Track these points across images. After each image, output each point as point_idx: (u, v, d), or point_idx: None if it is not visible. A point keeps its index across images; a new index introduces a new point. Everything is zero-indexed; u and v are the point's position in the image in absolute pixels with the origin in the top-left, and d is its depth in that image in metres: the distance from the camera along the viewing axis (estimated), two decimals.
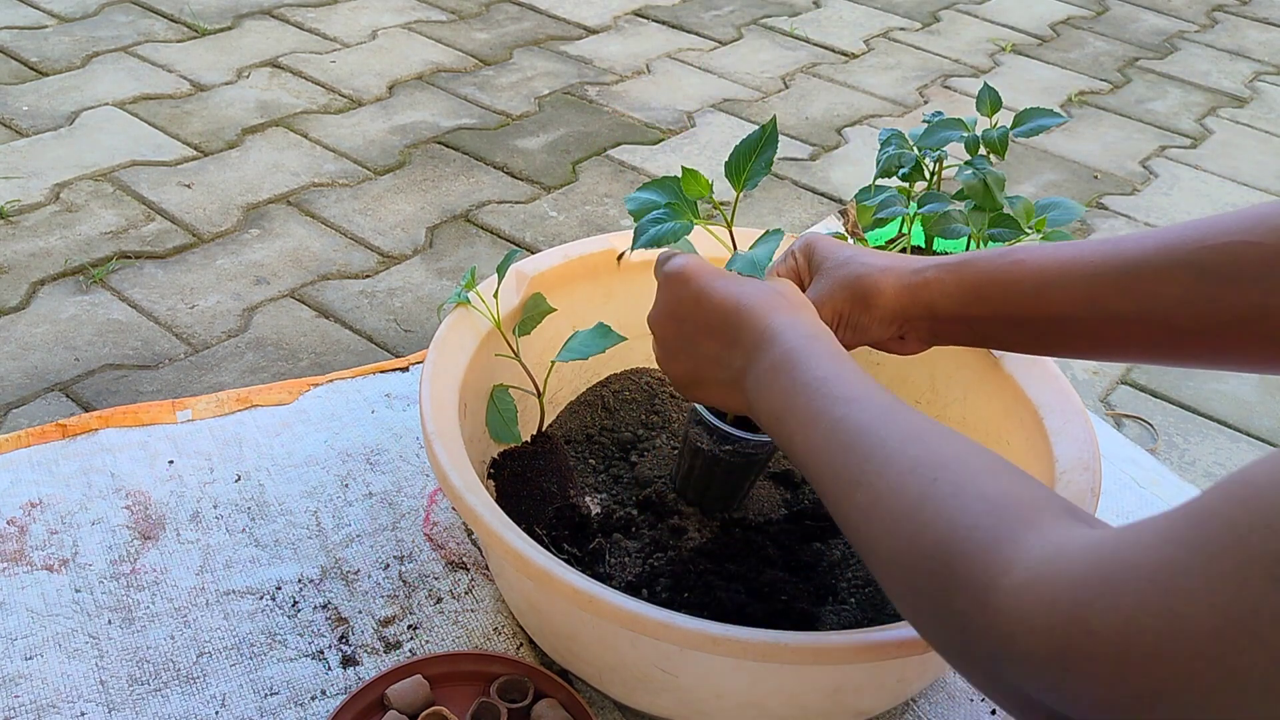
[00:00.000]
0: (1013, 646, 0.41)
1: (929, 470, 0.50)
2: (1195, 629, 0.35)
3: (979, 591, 0.43)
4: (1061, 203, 1.06)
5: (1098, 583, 0.39)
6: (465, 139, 1.63)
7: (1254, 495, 0.36)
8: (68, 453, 0.98)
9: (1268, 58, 2.22)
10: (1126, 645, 0.37)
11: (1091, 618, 0.38)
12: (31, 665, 0.80)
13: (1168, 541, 0.38)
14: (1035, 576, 0.42)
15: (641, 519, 0.87)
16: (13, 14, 1.87)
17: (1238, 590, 0.34)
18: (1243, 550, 0.35)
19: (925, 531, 0.48)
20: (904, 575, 0.49)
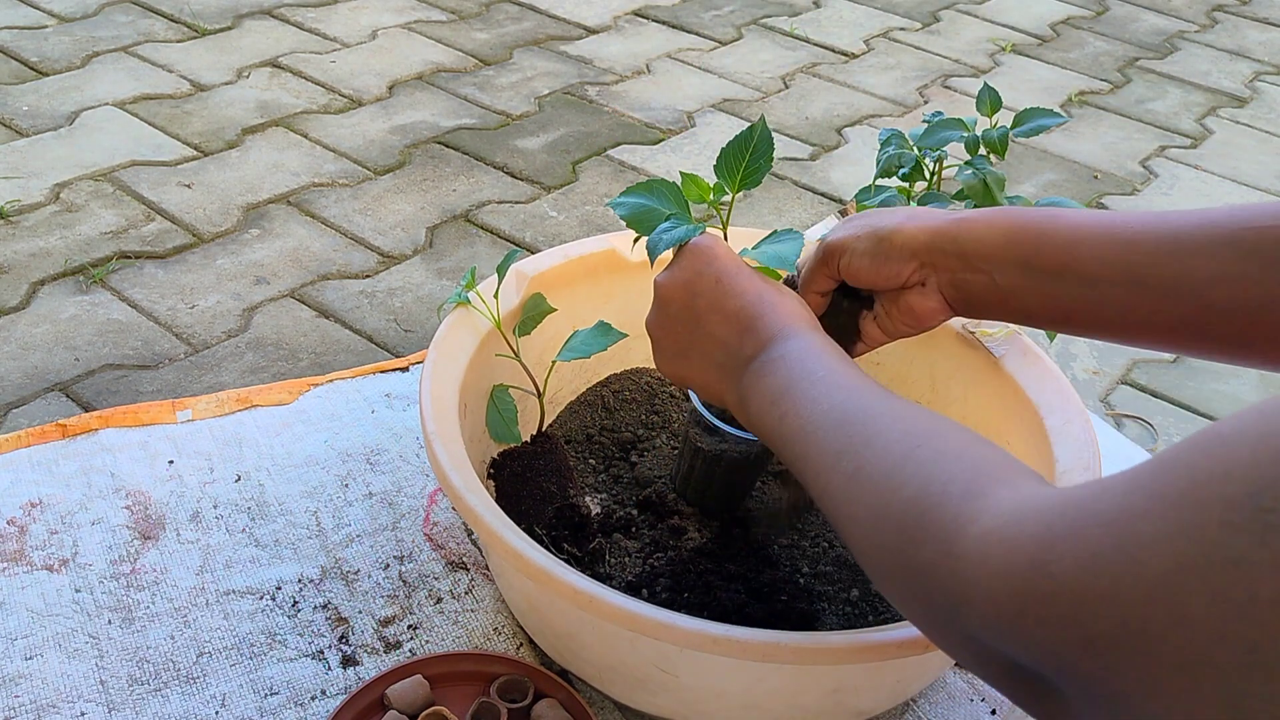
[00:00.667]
0: (973, 590, 0.42)
1: (914, 439, 0.52)
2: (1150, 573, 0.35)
3: (945, 540, 0.44)
4: (1061, 203, 1.06)
5: (1061, 528, 0.39)
6: (465, 139, 1.63)
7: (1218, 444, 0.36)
8: (68, 453, 0.98)
9: (1268, 58, 2.22)
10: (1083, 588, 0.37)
11: (1051, 561, 0.39)
12: (31, 665, 0.80)
13: (1132, 489, 0.38)
14: (1001, 524, 0.42)
15: (641, 519, 0.87)
16: (13, 14, 1.87)
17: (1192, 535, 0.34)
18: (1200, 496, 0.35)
19: (902, 489, 0.49)
20: (876, 534, 0.50)
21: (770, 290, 0.68)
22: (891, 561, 0.49)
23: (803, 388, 0.60)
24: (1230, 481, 0.34)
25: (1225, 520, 0.34)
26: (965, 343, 0.94)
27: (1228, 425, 0.36)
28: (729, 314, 0.67)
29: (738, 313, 0.67)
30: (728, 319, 0.67)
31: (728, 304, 0.67)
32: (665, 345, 0.72)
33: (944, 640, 0.47)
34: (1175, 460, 0.37)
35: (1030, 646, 0.40)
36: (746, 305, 0.67)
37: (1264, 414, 0.35)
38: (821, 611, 0.81)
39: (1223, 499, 0.34)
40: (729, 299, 0.68)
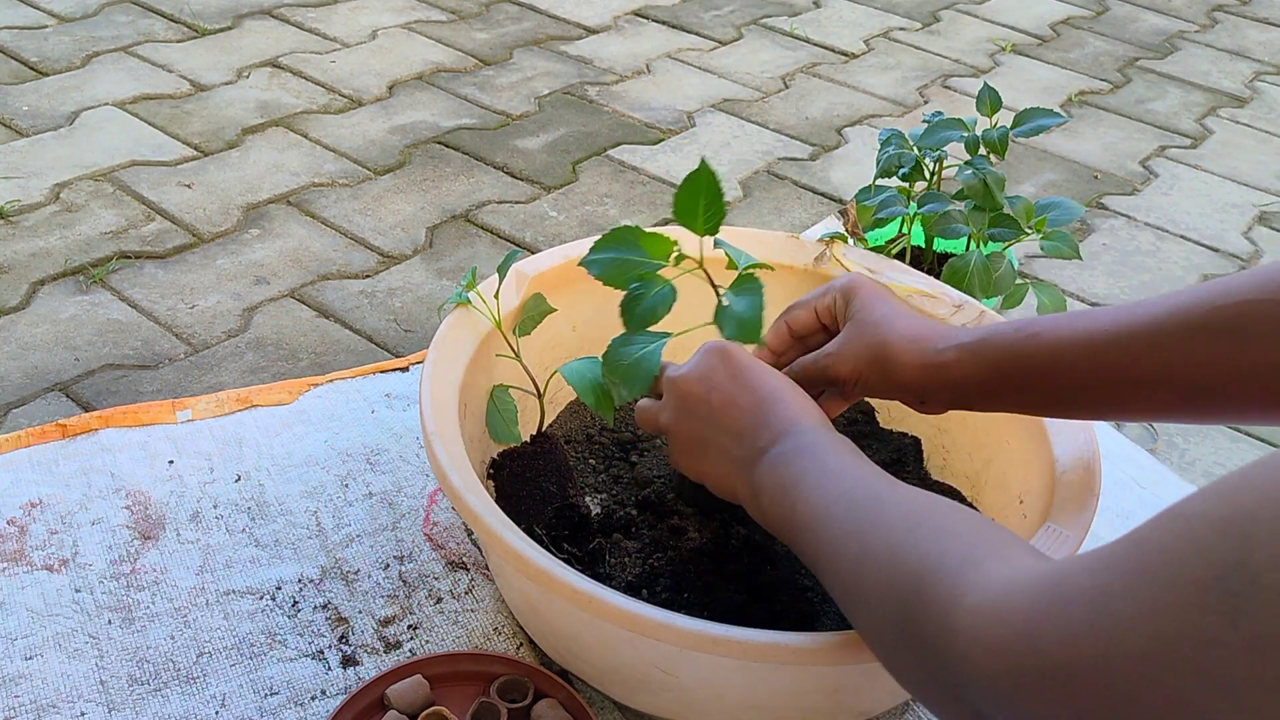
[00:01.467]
0: (970, 665, 0.44)
1: (915, 518, 0.54)
2: (1132, 651, 0.37)
3: (942, 613, 0.46)
4: (1061, 203, 1.06)
5: (1048, 605, 0.41)
6: (465, 139, 1.63)
7: (1186, 525, 0.38)
8: (68, 453, 0.98)
9: (1268, 58, 2.22)
10: (1071, 665, 0.39)
11: (1040, 637, 0.41)
12: (31, 665, 0.80)
13: (1110, 568, 0.40)
14: (993, 597, 0.44)
15: (641, 519, 0.87)
16: (13, 14, 1.87)
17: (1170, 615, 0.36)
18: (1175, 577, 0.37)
19: (903, 566, 0.51)
20: (881, 611, 0.52)
21: (783, 386, 0.71)
22: (896, 638, 0.51)
23: (812, 479, 0.63)
24: (1200, 564, 0.36)
25: (1198, 602, 0.35)
26: None
27: (1194, 505, 0.38)
28: (743, 408, 0.70)
29: (752, 407, 0.69)
30: (741, 413, 0.70)
31: (742, 398, 0.70)
32: (681, 440, 0.74)
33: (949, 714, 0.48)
34: (1148, 540, 0.39)
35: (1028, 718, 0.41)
36: (760, 400, 0.69)
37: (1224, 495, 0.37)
38: (821, 611, 0.81)
39: (1194, 581, 0.36)
40: (743, 393, 0.70)
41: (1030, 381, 0.69)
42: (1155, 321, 0.63)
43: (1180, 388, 0.63)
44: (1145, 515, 0.42)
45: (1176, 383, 0.63)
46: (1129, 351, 0.64)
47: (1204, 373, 0.62)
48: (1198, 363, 0.62)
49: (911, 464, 0.99)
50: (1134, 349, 0.64)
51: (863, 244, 1.20)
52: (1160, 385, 0.64)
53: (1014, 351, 0.69)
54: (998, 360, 0.70)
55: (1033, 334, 0.69)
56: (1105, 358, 0.65)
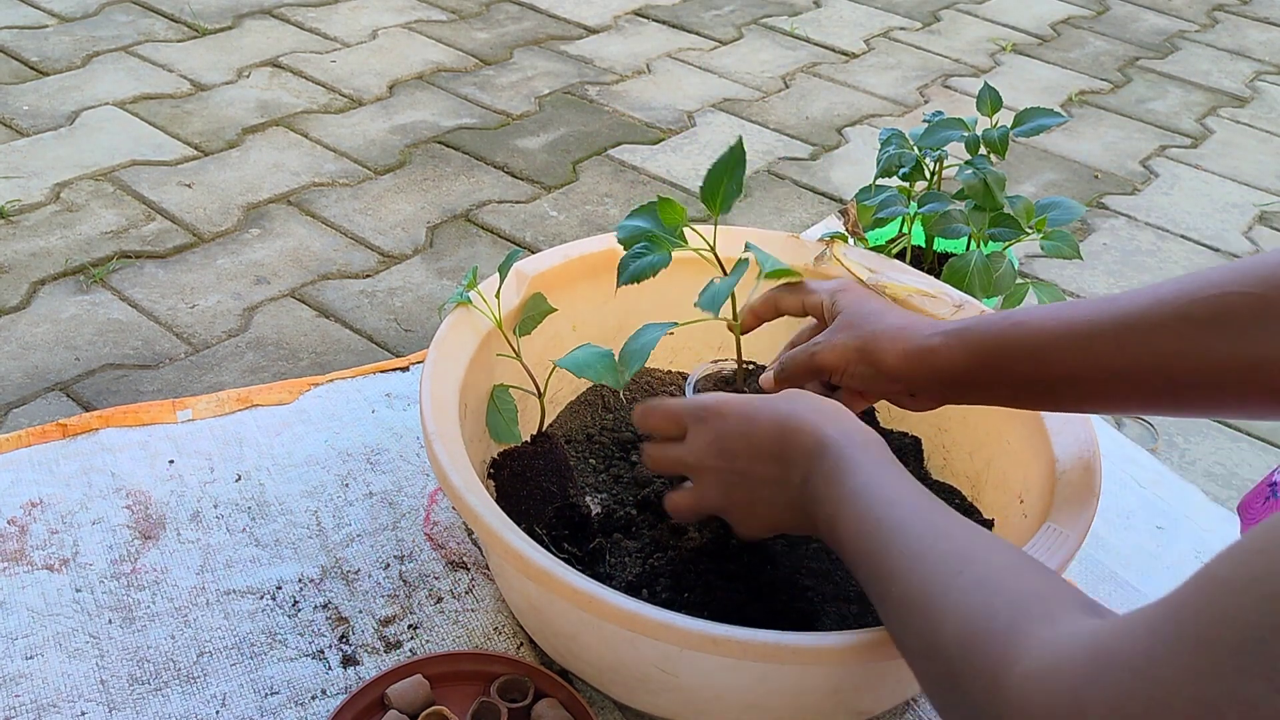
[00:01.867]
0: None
1: (955, 563, 0.54)
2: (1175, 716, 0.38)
3: (991, 680, 0.47)
4: (1062, 202, 1.06)
5: (1093, 673, 0.42)
6: (465, 139, 1.63)
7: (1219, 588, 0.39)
8: (68, 452, 0.98)
9: (1268, 57, 2.22)
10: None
11: (1087, 706, 0.41)
12: (32, 665, 0.80)
13: (1151, 633, 0.41)
14: (1041, 667, 0.45)
15: (641, 519, 0.87)
16: (13, 14, 1.87)
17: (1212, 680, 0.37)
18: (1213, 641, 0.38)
19: (948, 621, 0.51)
20: (929, 663, 0.53)
21: (789, 409, 0.69)
22: (943, 696, 0.51)
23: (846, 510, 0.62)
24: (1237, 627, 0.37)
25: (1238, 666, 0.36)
26: None
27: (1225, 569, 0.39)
28: (764, 456, 0.69)
29: (772, 450, 0.69)
30: (766, 460, 0.69)
31: (760, 447, 0.69)
32: (735, 514, 0.73)
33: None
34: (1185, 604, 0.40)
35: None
36: (776, 438, 0.69)
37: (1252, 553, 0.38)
38: (821, 611, 0.81)
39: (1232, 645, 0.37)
40: (759, 442, 0.69)
41: (1015, 370, 0.69)
42: (1137, 312, 0.64)
43: (1160, 378, 0.64)
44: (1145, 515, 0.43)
45: (1156, 373, 0.64)
46: (1111, 341, 0.65)
47: (1183, 363, 0.62)
48: (1177, 353, 0.62)
49: (912, 464, 0.99)
50: (1116, 339, 0.65)
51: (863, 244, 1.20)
52: (1141, 375, 0.64)
53: (999, 339, 0.70)
54: (983, 347, 0.70)
55: (1017, 322, 0.69)
56: (1088, 347, 0.66)
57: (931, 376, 0.73)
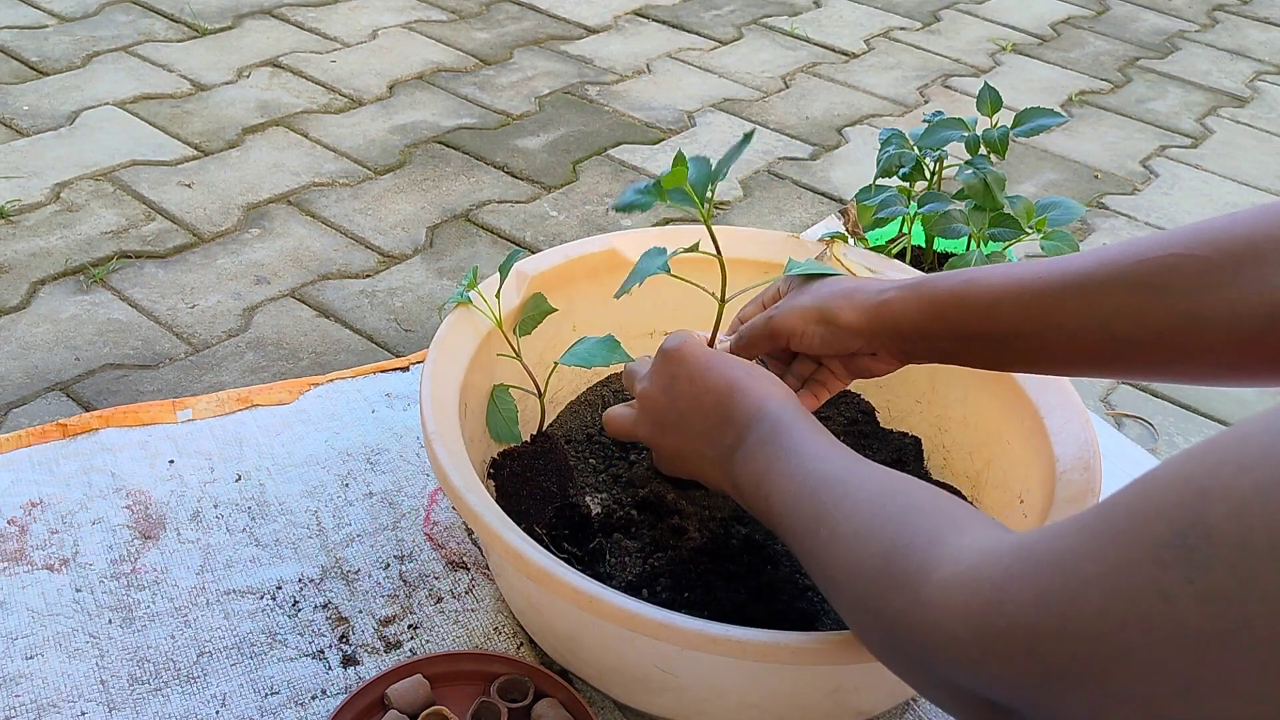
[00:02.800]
0: (940, 634, 0.45)
1: (880, 498, 0.56)
2: (1092, 608, 0.38)
3: (912, 588, 0.48)
4: (1062, 202, 1.06)
5: (1016, 570, 0.42)
6: (465, 139, 1.63)
7: (1151, 485, 0.38)
8: (68, 452, 0.98)
9: (1268, 57, 2.22)
10: (1036, 625, 0.40)
11: (1007, 600, 0.41)
12: (32, 665, 0.80)
13: (1078, 531, 0.40)
14: (962, 569, 0.45)
15: (641, 519, 0.87)
16: (13, 14, 1.87)
17: (1129, 572, 0.37)
18: (1135, 535, 0.37)
19: (871, 544, 0.53)
20: (852, 590, 0.54)
21: (741, 375, 0.72)
22: (867, 615, 0.52)
23: (778, 466, 0.64)
24: (1160, 521, 0.36)
25: (1156, 557, 0.36)
26: None
27: (1161, 469, 0.39)
28: (707, 410, 0.72)
29: (714, 407, 0.71)
30: (706, 415, 0.72)
31: (704, 400, 0.72)
32: (661, 450, 0.77)
33: (922, 685, 0.49)
34: (1116, 503, 0.40)
35: (994, 683, 0.42)
36: (721, 398, 0.71)
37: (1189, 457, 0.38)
38: (821, 611, 0.81)
39: (1153, 538, 0.36)
40: (704, 395, 0.72)
41: (966, 324, 0.70)
42: (1084, 272, 0.65)
43: (1104, 337, 0.65)
44: None
45: (1100, 331, 0.65)
46: (1058, 300, 0.66)
47: (1126, 323, 0.63)
48: (1120, 313, 0.63)
49: (911, 464, 0.99)
50: (1063, 297, 0.66)
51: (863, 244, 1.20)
52: (1085, 334, 0.65)
53: (952, 293, 0.71)
54: (935, 299, 0.71)
55: (969, 279, 0.71)
56: (1036, 304, 0.67)
57: (887, 330, 0.74)
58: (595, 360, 0.86)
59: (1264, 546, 0.33)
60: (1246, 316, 0.58)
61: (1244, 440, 0.36)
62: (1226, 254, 0.59)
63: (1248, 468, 0.34)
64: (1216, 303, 0.59)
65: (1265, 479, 0.34)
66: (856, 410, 1.03)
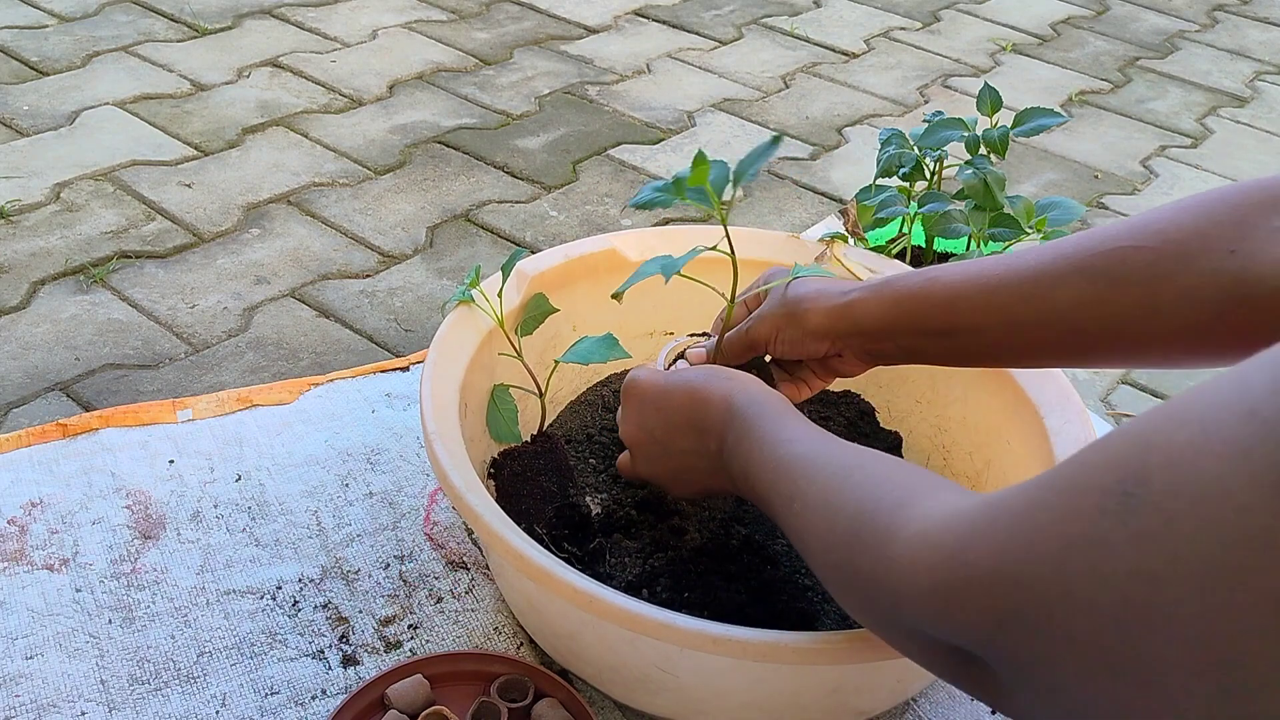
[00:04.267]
0: (907, 588, 0.47)
1: (846, 470, 0.58)
2: (1042, 554, 0.40)
3: (880, 546, 0.50)
4: (1062, 202, 1.06)
5: (980, 524, 0.44)
6: (465, 139, 1.63)
7: (1107, 443, 0.40)
8: (68, 452, 0.98)
9: (1268, 57, 2.22)
10: (993, 573, 0.42)
11: (968, 551, 0.44)
12: (32, 665, 0.80)
13: (1036, 485, 0.42)
14: (927, 527, 0.47)
15: (641, 519, 0.87)
16: (13, 14, 1.87)
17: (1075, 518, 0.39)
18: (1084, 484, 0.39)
19: (841, 513, 0.55)
20: (825, 556, 0.56)
21: (699, 384, 0.74)
22: (841, 577, 0.55)
23: (755, 456, 0.66)
24: (1106, 471, 0.38)
25: (1099, 505, 0.38)
26: None
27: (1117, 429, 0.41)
28: (681, 429, 0.74)
29: (686, 424, 0.74)
30: (683, 433, 0.74)
31: (675, 421, 0.74)
32: (663, 480, 0.79)
33: (893, 638, 0.52)
34: (1072, 459, 0.41)
35: (957, 630, 0.44)
36: (689, 414, 0.73)
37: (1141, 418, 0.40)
38: (821, 611, 0.81)
39: (1100, 487, 0.38)
40: (674, 415, 0.75)
41: (928, 322, 0.72)
42: (1040, 266, 0.67)
43: (1063, 329, 0.67)
44: None
45: (1059, 324, 0.67)
46: (1016, 293, 0.68)
47: (1081, 314, 0.65)
48: (1075, 304, 0.65)
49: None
50: (1020, 291, 0.68)
51: (863, 244, 1.20)
52: (1044, 326, 0.67)
53: (914, 291, 0.73)
54: (898, 299, 0.73)
55: (931, 278, 0.72)
56: (995, 299, 0.69)
57: (853, 330, 0.76)
58: (594, 358, 0.86)
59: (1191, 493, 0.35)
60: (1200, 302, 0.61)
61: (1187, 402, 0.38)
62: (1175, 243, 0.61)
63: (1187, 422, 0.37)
64: (1169, 290, 0.61)
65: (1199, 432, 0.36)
66: (856, 410, 1.03)
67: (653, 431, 0.76)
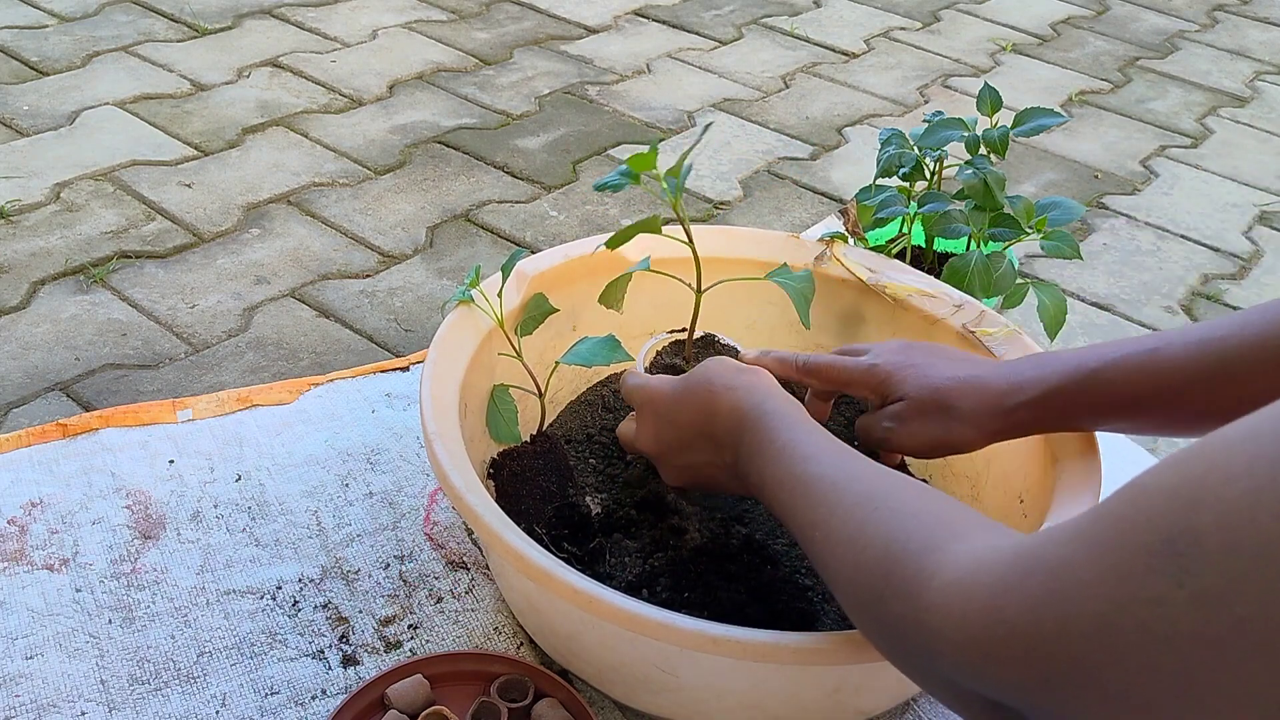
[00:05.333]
0: (940, 640, 0.46)
1: (870, 501, 0.57)
2: (1087, 615, 0.39)
3: (912, 595, 0.49)
4: (1062, 202, 1.06)
5: (1012, 577, 0.43)
6: (465, 139, 1.63)
7: (1140, 494, 0.39)
8: (68, 452, 0.98)
9: (1268, 57, 2.22)
10: (1034, 631, 0.41)
11: (1005, 607, 0.43)
12: (32, 665, 0.80)
13: (1071, 539, 0.41)
14: (960, 575, 0.46)
15: (641, 519, 0.87)
16: (13, 14, 1.87)
17: (1122, 579, 0.38)
18: (1126, 543, 0.38)
19: (868, 550, 0.54)
20: (853, 592, 0.55)
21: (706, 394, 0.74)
22: (869, 618, 0.54)
23: (770, 472, 0.66)
24: (1150, 529, 0.37)
25: (1147, 564, 0.37)
26: (966, 342, 0.94)
27: (1149, 478, 0.40)
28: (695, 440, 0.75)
29: (699, 435, 0.74)
30: (698, 444, 0.75)
31: (688, 434, 0.75)
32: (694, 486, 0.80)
33: (927, 684, 0.51)
34: (1107, 512, 0.41)
35: (998, 687, 0.43)
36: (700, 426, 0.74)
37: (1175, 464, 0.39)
38: (821, 611, 0.81)
39: (1144, 545, 0.37)
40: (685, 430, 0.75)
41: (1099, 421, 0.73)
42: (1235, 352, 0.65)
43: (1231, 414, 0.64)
44: None
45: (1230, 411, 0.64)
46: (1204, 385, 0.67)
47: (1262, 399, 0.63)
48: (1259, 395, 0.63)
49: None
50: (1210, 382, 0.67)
51: (863, 244, 1.20)
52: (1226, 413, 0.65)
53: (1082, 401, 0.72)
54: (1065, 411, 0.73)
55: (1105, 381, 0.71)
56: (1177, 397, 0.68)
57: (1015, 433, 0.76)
58: (596, 360, 0.86)
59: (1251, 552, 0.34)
60: None
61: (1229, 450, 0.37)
62: None
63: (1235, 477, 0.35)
64: None
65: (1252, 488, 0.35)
66: (856, 411, 1.03)
67: (670, 444, 0.77)
